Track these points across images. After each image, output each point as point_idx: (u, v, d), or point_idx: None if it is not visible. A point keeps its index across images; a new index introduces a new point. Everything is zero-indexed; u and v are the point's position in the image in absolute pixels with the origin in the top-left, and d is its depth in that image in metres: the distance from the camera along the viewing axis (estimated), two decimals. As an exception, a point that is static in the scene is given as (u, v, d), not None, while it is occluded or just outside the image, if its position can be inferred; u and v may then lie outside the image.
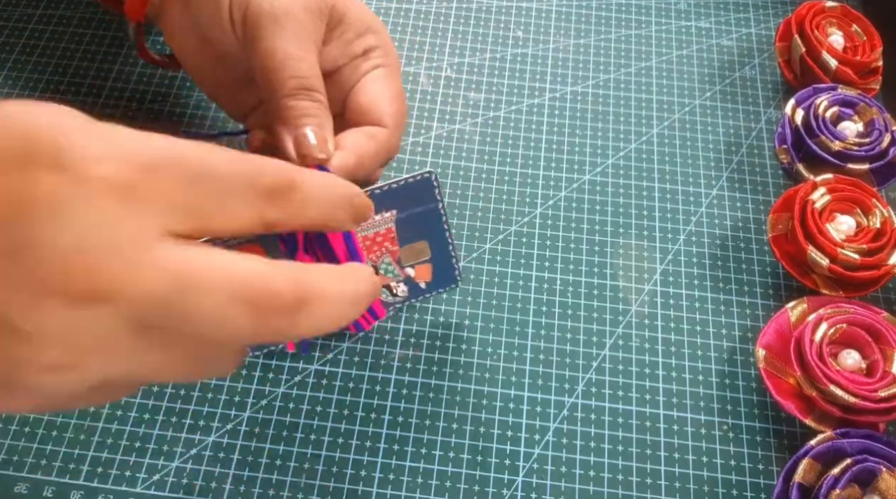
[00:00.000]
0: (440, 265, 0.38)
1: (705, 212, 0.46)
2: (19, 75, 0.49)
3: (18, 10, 0.52)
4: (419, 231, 0.36)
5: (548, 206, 0.46)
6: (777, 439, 0.39)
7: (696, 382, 0.40)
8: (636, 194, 0.46)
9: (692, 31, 0.54)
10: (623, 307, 0.42)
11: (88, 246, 0.20)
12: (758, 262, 0.44)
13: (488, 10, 0.54)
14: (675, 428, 0.39)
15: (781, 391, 0.38)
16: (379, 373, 0.40)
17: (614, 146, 0.48)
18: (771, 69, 0.52)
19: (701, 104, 0.50)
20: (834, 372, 0.37)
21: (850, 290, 0.41)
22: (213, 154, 0.23)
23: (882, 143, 0.44)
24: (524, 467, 0.38)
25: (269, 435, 0.38)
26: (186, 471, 0.37)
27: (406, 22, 0.53)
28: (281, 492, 0.36)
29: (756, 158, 0.48)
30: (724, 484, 0.37)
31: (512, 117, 0.49)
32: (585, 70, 0.52)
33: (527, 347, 0.41)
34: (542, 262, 0.44)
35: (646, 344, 0.41)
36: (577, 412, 0.39)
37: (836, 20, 0.49)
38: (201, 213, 0.23)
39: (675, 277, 0.43)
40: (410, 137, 0.48)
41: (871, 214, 0.42)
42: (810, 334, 0.38)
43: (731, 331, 0.42)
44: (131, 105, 0.48)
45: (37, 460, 0.37)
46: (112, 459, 0.37)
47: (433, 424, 0.38)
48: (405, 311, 0.42)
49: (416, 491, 0.37)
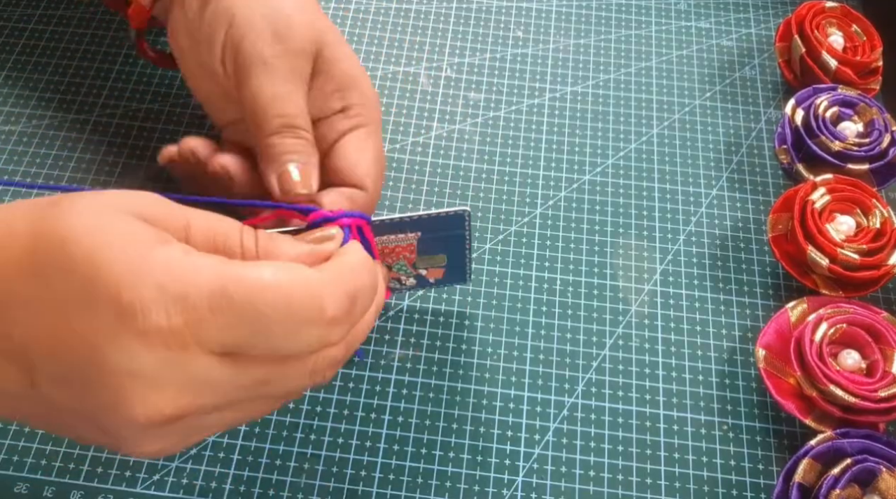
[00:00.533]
0: (453, 269, 0.38)
1: (705, 212, 0.46)
2: (19, 75, 0.49)
3: (18, 10, 0.52)
4: (440, 247, 0.37)
5: (548, 206, 0.46)
6: (777, 439, 0.39)
7: (696, 382, 0.40)
8: (636, 194, 0.46)
9: (692, 31, 0.54)
10: (623, 307, 0.42)
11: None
12: (758, 262, 0.44)
13: (488, 10, 0.54)
14: (675, 428, 0.39)
15: (781, 391, 0.38)
16: (379, 373, 0.40)
17: (614, 146, 0.48)
18: (771, 69, 0.52)
19: (701, 104, 0.50)
20: (834, 372, 0.37)
21: (850, 290, 0.41)
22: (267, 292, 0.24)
23: (882, 143, 0.44)
24: (524, 467, 0.38)
25: (269, 435, 0.38)
26: (186, 471, 0.37)
27: (406, 22, 0.53)
28: (281, 492, 0.36)
29: (756, 159, 0.48)
30: (724, 484, 0.37)
31: (512, 117, 0.49)
32: (585, 70, 0.52)
33: (527, 347, 0.41)
34: (542, 262, 0.44)
35: (646, 344, 0.41)
36: (577, 412, 0.39)
37: (836, 20, 0.49)
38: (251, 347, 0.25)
39: (675, 277, 0.43)
40: (411, 136, 0.48)
41: (870, 214, 0.42)
42: (810, 334, 0.38)
43: (731, 331, 0.42)
44: (131, 105, 0.48)
45: (37, 460, 0.37)
46: (112, 459, 0.37)
47: (433, 424, 0.38)
48: (405, 311, 0.42)
49: (416, 491, 0.37)
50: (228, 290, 0.23)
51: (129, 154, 0.46)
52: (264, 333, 0.24)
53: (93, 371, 0.23)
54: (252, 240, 0.27)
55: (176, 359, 0.23)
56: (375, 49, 0.52)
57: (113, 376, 0.23)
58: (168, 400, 0.24)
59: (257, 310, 0.24)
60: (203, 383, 0.24)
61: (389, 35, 0.52)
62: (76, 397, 0.24)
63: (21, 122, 0.47)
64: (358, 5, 0.54)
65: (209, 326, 0.23)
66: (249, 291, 0.24)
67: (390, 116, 0.49)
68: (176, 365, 0.23)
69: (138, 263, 0.23)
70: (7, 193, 0.44)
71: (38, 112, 0.48)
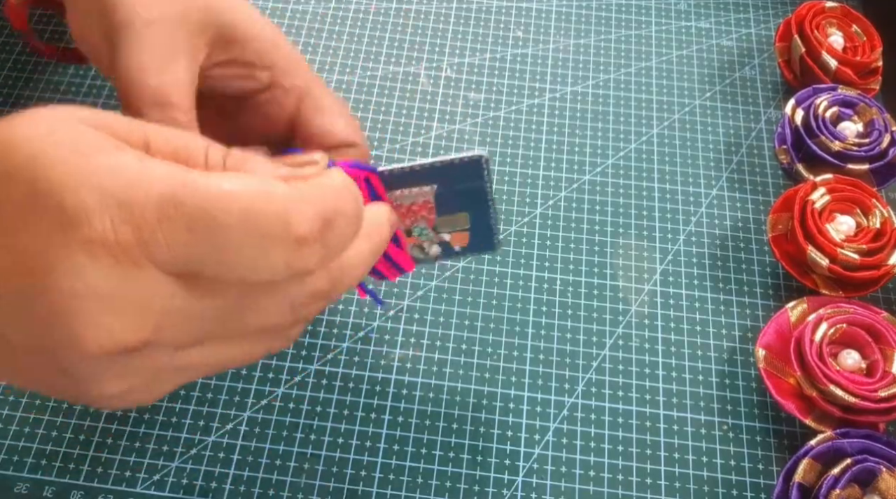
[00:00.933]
0: (478, 233, 0.35)
1: (705, 212, 0.46)
2: (19, 75, 0.49)
3: (18, 10, 0.52)
4: (460, 204, 0.33)
5: (548, 206, 0.46)
6: (777, 439, 0.39)
7: (696, 382, 0.40)
8: (636, 194, 0.46)
9: (692, 31, 0.54)
10: (623, 307, 0.42)
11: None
12: (758, 262, 0.44)
13: (488, 10, 0.54)
14: (675, 428, 0.39)
15: (781, 391, 0.38)
16: (379, 373, 0.40)
17: (614, 146, 0.48)
18: (771, 69, 0.52)
19: (701, 104, 0.50)
20: (834, 372, 0.37)
21: (850, 290, 0.41)
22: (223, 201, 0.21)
23: (882, 143, 0.44)
24: (524, 467, 0.38)
25: (269, 435, 0.38)
26: (186, 471, 0.37)
27: (406, 22, 0.53)
28: (281, 492, 0.36)
29: (756, 159, 0.48)
30: (724, 484, 0.37)
31: (512, 117, 0.49)
32: (585, 70, 0.52)
33: (527, 347, 0.41)
34: (542, 262, 0.44)
35: (646, 344, 0.41)
36: (577, 412, 0.39)
37: (836, 20, 0.49)
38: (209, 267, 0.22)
39: (675, 277, 0.44)
40: (411, 136, 0.48)
41: (870, 214, 0.42)
42: (810, 334, 0.38)
43: (731, 331, 0.42)
44: (131, 105, 0.48)
45: (37, 460, 0.37)
46: (112, 459, 0.37)
47: (433, 424, 0.38)
48: (405, 311, 0.42)
49: (416, 491, 0.37)
50: (178, 195, 0.21)
51: (129, 154, 0.46)
52: (222, 249, 0.22)
53: (40, 293, 0.21)
54: (219, 155, 0.24)
55: (127, 275, 0.21)
56: (375, 49, 0.52)
57: (59, 295, 0.20)
58: (122, 324, 0.21)
59: (212, 220, 0.21)
60: (161, 306, 0.22)
61: (389, 35, 0.52)
62: (28, 329, 0.22)
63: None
64: (358, 5, 0.54)
65: (158, 238, 0.21)
66: (203, 199, 0.21)
67: (390, 116, 0.49)
68: (127, 282, 0.21)
69: (83, 164, 0.21)
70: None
71: (38, 112, 0.48)
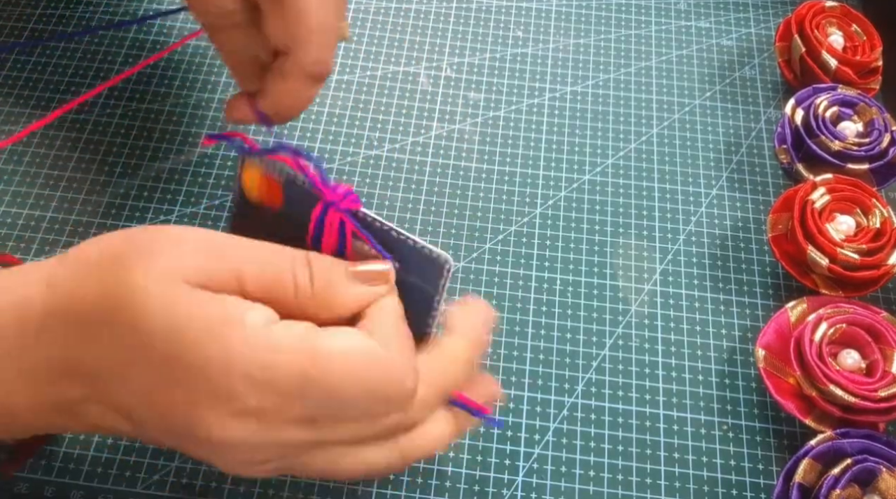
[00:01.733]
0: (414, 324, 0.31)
1: (705, 212, 0.46)
2: (19, 75, 0.49)
3: (18, 10, 0.52)
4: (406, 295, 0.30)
5: (548, 206, 0.46)
6: (777, 439, 0.39)
7: (696, 382, 0.40)
8: (636, 194, 0.46)
9: (692, 31, 0.54)
10: (623, 307, 0.42)
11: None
12: (758, 262, 0.44)
13: (488, 10, 0.54)
14: (675, 428, 0.39)
15: (781, 391, 0.38)
16: (379, 373, 0.40)
17: (614, 146, 0.48)
18: (771, 69, 0.52)
19: (701, 104, 0.50)
20: (834, 372, 0.37)
21: (850, 290, 0.41)
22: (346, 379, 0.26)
23: (882, 143, 0.44)
24: (524, 467, 0.38)
25: (269, 435, 0.38)
26: (186, 471, 0.37)
27: (406, 22, 0.53)
28: (281, 492, 0.36)
29: (756, 158, 0.48)
30: (724, 484, 0.37)
31: (512, 117, 0.49)
32: (585, 70, 0.52)
33: (527, 347, 0.41)
34: (542, 262, 0.44)
35: (646, 344, 0.41)
36: (577, 412, 0.39)
37: (836, 20, 0.49)
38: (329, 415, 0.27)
39: (674, 277, 0.44)
40: (410, 136, 0.48)
41: (870, 214, 0.42)
42: (810, 334, 0.38)
43: (731, 331, 0.42)
44: (131, 105, 0.48)
45: (37, 460, 0.36)
46: (112, 459, 0.37)
47: (433, 424, 0.38)
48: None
49: (415, 491, 0.37)
50: (310, 375, 0.25)
51: (129, 154, 0.46)
52: (342, 407, 0.27)
53: (191, 432, 0.26)
54: (305, 278, 0.27)
55: (267, 430, 0.26)
56: (375, 49, 0.52)
57: (209, 442, 0.26)
58: (257, 458, 0.27)
59: (337, 392, 0.26)
60: (287, 441, 0.27)
61: (389, 35, 0.52)
62: (176, 442, 0.28)
63: (21, 122, 0.47)
64: (358, 5, 0.54)
65: (295, 407, 0.26)
66: (329, 373, 0.26)
67: (390, 116, 0.49)
68: (265, 434, 0.26)
69: (222, 351, 0.25)
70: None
71: (37, 112, 0.48)
